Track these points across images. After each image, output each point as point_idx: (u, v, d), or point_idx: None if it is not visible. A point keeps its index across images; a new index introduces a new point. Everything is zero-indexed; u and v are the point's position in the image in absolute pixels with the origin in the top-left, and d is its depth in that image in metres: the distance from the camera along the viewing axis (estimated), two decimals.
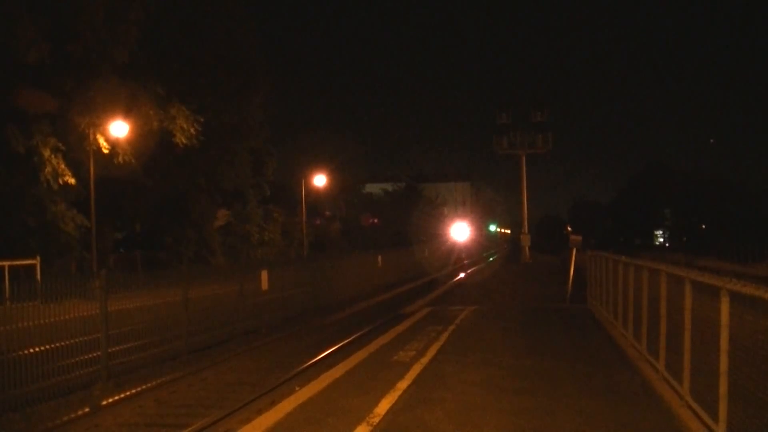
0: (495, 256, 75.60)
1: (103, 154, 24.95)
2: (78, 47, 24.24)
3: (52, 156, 23.59)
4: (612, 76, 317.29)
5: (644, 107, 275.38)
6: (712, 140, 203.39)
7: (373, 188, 71.13)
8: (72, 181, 24.19)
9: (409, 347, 12.46)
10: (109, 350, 11.96)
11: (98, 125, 24.45)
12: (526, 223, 54.95)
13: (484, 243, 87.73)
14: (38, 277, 18.47)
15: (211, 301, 15.92)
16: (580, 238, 23.71)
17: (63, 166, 23.87)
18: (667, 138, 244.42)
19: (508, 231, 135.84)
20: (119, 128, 24.32)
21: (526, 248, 52.38)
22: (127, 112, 25.33)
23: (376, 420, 7.67)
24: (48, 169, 23.53)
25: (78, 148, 24.63)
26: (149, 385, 11.75)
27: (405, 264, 38.47)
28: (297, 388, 10.05)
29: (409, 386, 9.28)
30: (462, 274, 42.18)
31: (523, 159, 51.51)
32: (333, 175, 46.53)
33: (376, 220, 61.44)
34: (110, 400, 10.84)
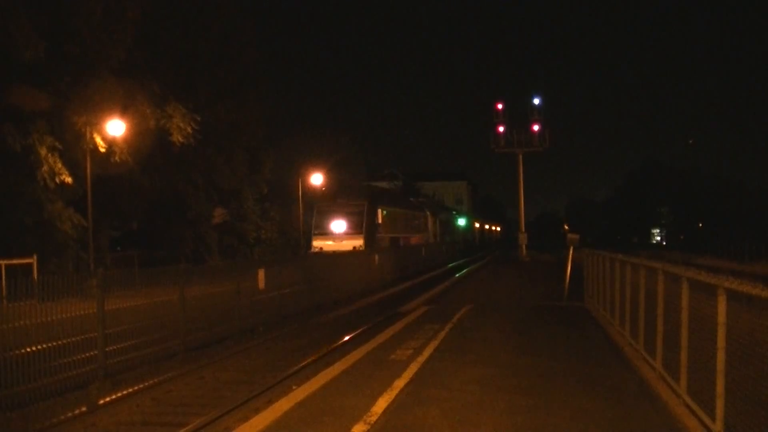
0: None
1: (100, 152, 24.95)
2: (75, 45, 24.23)
3: (49, 155, 23.58)
4: (609, 74, 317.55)
5: (641, 105, 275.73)
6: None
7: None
8: (69, 179, 24.18)
9: (406, 345, 12.47)
10: (106, 349, 11.92)
11: (95, 124, 24.44)
12: (522, 221, 54.93)
13: (435, 244, 51.72)
14: (35, 276, 18.43)
15: (208, 300, 15.87)
16: (577, 236, 23.69)
17: (60, 164, 23.86)
18: (664, 136, 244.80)
19: (498, 228, 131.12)
20: (116, 127, 24.30)
21: (523, 247, 52.33)
22: (124, 111, 25.33)
23: (374, 419, 7.67)
24: (45, 167, 23.51)
25: (75, 147, 24.61)
26: (146, 383, 11.72)
27: None
28: (294, 387, 10.05)
29: (406, 385, 9.29)
30: None
31: (520, 157, 51.49)
32: (330, 173, 46.52)
33: None
34: (107, 399, 10.81)
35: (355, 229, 35.10)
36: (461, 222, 75.94)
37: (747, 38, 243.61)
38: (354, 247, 32.57)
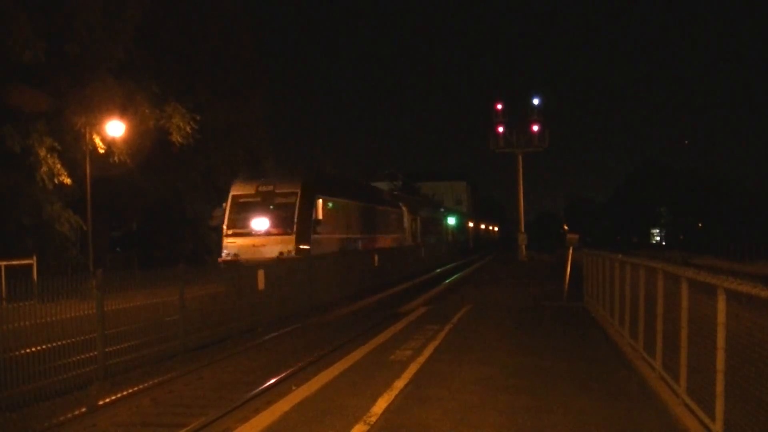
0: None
1: (99, 153, 24.95)
2: (74, 46, 24.18)
3: (48, 155, 23.56)
4: (609, 74, 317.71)
5: (641, 105, 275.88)
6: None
7: None
8: (68, 180, 24.18)
9: (405, 346, 12.46)
10: (106, 350, 11.93)
11: (94, 124, 24.44)
12: (522, 221, 54.87)
13: (414, 247, 42.03)
14: (35, 276, 18.43)
15: (208, 301, 15.89)
16: (576, 236, 23.68)
17: (59, 165, 23.85)
18: (663, 136, 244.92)
19: (496, 228, 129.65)
20: (115, 127, 24.30)
21: (523, 247, 52.29)
22: (123, 111, 25.32)
23: (374, 419, 7.67)
24: (44, 168, 23.50)
25: (74, 148, 24.61)
26: (146, 384, 11.72)
27: None
28: (294, 388, 10.05)
29: (406, 385, 9.29)
30: None
31: (520, 158, 51.42)
32: (330, 173, 46.36)
33: None
34: (107, 399, 10.81)
35: (282, 228, 24.47)
36: (451, 221, 64.15)
37: (746, 38, 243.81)
38: (281, 253, 23.36)
